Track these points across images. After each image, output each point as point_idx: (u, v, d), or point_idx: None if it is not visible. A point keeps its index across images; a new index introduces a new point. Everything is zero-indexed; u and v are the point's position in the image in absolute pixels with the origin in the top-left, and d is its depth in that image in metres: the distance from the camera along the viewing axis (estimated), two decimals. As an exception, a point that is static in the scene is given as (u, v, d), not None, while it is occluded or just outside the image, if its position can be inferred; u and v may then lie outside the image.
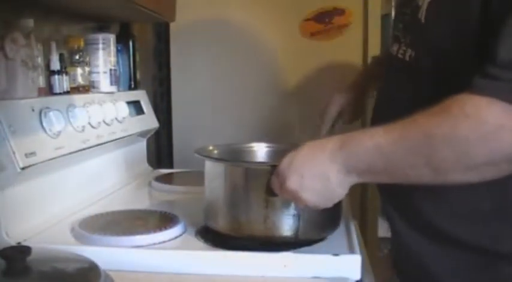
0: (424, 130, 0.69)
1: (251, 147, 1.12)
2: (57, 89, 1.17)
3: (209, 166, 0.96)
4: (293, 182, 0.78)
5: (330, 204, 0.81)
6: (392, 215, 0.92)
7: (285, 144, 1.11)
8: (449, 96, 0.68)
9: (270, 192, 0.84)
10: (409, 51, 0.84)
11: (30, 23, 1.04)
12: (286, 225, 0.88)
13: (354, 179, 0.77)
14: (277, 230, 0.88)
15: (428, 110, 0.69)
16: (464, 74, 0.68)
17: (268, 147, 1.12)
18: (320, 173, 0.77)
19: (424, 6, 0.79)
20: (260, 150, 1.12)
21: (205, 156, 0.96)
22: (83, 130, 1.14)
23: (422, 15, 0.79)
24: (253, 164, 1.05)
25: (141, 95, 1.56)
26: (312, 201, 0.79)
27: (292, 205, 0.86)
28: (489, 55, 0.67)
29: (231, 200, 0.92)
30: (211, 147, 1.05)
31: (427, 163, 0.69)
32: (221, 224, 0.93)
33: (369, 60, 1.90)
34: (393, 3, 2.06)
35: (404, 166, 0.71)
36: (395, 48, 0.89)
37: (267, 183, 0.84)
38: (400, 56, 0.86)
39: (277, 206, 0.87)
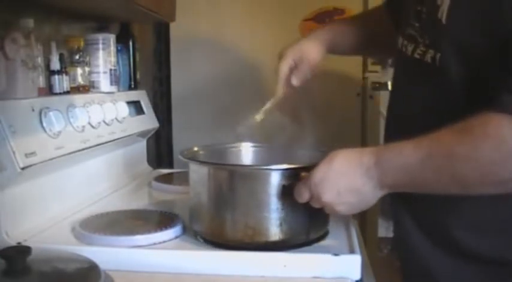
0: (448, 150, 0.70)
1: (237, 147, 1.11)
2: (57, 89, 1.17)
3: (198, 170, 0.94)
4: (330, 198, 0.79)
5: (359, 211, 0.84)
6: (408, 227, 0.90)
7: (271, 144, 1.10)
8: (477, 97, 0.68)
9: (289, 195, 0.84)
10: (431, 53, 0.81)
11: (30, 23, 1.04)
12: (300, 227, 0.88)
13: (386, 191, 0.79)
14: (291, 233, 0.88)
15: (452, 127, 0.70)
16: (493, 74, 0.67)
17: (254, 147, 1.11)
18: (356, 189, 0.78)
19: (445, 7, 0.76)
20: (246, 151, 1.11)
21: (191, 160, 0.95)
22: (83, 130, 1.14)
23: (442, 15, 0.77)
24: (256, 167, 1.02)
25: (141, 95, 1.56)
26: (345, 212, 0.82)
27: (305, 207, 0.85)
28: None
29: (241, 208, 0.89)
30: (196, 148, 1.04)
31: (453, 180, 0.71)
32: (228, 232, 0.90)
33: (369, 60, 1.90)
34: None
35: (432, 182, 0.74)
36: (410, 48, 0.85)
37: (285, 187, 0.84)
38: (417, 56, 0.84)
39: (292, 209, 0.86)
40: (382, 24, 1.07)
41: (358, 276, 0.82)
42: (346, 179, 0.78)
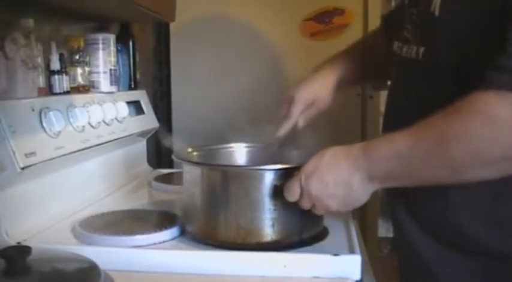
0: (438, 132, 0.69)
1: (231, 148, 1.11)
2: (57, 89, 1.17)
3: (191, 170, 0.94)
4: (317, 190, 0.79)
5: (351, 209, 0.83)
6: (406, 225, 0.88)
7: (265, 143, 1.10)
8: (470, 89, 0.67)
9: (279, 195, 0.84)
10: (415, 48, 0.82)
11: (30, 23, 1.04)
12: (293, 226, 0.88)
13: (376, 185, 0.78)
14: (284, 234, 0.87)
15: (442, 111, 0.69)
16: (484, 64, 0.67)
17: (247, 147, 1.11)
18: (343, 181, 0.78)
19: (438, 0, 0.77)
20: (240, 151, 1.11)
21: (184, 160, 0.95)
22: (83, 130, 1.14)
23: (435, 8, 0.78)
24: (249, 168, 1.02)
25: (141, 95, 1.56)
26: (334, 207, 0.81)
27: (297, 207, 0.84)
28: (502, 47, 0.66)
29: (233, 208, 0.89)
30: (190, 149, 1.04)
31: (444, 164, 0.70)
32: (221, 233, 0.90)
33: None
34: (393, 4, 2.07)
35: (423, 169, 0.72)
36: (404, 49, 0.87)
37: (276, 187, 0.84)
38: (408, 55, 0.85)
39: (283, 209, 0.86)
40: (381, 49, 1.07)
41: (358, 276, 0.82)
42: (334, 171, 0.78)
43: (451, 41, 0.77)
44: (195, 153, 1.05)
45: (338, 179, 0.78)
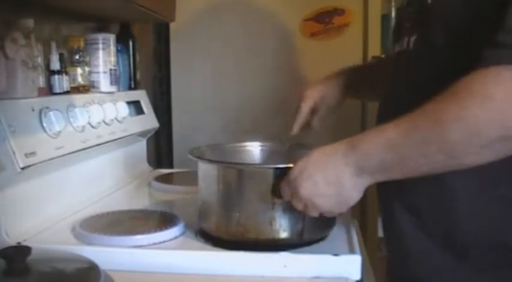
0: (433, 117, 0.68)
1: (245, 146, 1.11)
2: (57, 89, 1.17)
3: (203, 167, 0.95)
4: (307, 190, 0.78)
5: (344, 209, 0.81)
6: (400, 218, 0.86)
7: (279, 143, 1.11)
8: (467, 72, 0.66)
9: (277, 194, 0.84)
10: (411, 38, 0.82)
11: (30, 23, 1.04)
12: (292, 227, 0.88)
13: (368, 180, 0.76)
14: (283, 233, 0.87)
15: (435, 97, 0.68)
16: (480, 48, 0.66)
17: (262, 146, 1.12)
18: (333, 178, 0.76)
19: None
20: (255, 150, 1.11)
21: (199, 158, 0.95)
22: (83, 130, 1.14)
23: None
24: (254, 166, 1.03)
25: (141, 95, 1.56)
26: (326, 208, 0.80)
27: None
28: (498, 25, 0.65)
29: (234, 204, 0.90)
30: (204, 148, 1.05)
31: (440, 149, 0.68)
32: (223, 228, 0.91)
33: (369, 60, 1.90)
34: (393, 3, 2.07)
35: (418, 156, 0.70)
36: (403, 45, 0.87)
37: (274, 186, 0.84)
38: (403, 48, 0.85)
39: (283, 208, 0.86)
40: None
41: (358, 276, 0.82)
42: (323, 170, 0.77)
43: (444, 28, 0.76)
44: (208, 152, 1.05)
45: (328, 177, 0.77)
